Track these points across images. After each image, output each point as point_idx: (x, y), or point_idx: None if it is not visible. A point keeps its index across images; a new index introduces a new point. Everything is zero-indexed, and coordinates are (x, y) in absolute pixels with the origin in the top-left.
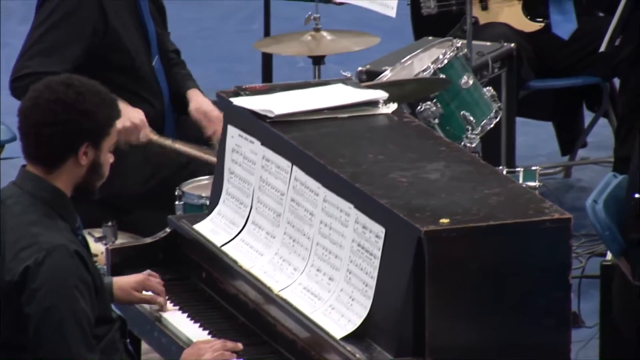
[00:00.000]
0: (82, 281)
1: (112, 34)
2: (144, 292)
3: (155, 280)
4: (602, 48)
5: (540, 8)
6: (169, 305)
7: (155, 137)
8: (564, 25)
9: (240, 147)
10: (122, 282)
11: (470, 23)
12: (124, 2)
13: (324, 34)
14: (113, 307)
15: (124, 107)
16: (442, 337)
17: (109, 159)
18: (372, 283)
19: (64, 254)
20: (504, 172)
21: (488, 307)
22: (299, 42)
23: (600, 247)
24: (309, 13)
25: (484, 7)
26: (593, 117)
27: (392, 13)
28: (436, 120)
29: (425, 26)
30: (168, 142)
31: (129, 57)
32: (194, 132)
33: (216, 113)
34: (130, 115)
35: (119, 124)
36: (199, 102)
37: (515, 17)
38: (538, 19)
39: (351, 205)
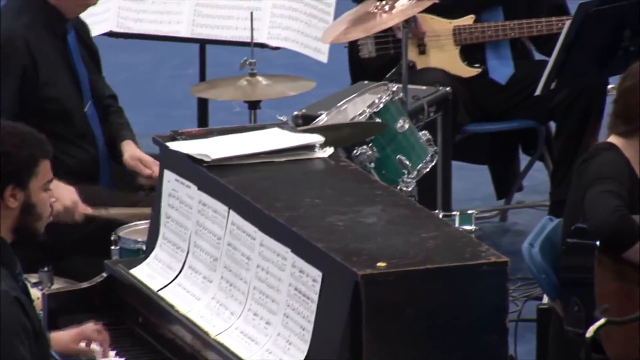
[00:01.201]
0: (23, 328)
1: (42, 84)
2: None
3: (96, 328)
4: (538, 92)
5: (477, 53)
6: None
7: (89, 211)
8: (501, 70)
9: (177, 191)
10: (59, 337)
11: (406, 67)
12: (54, 48)
13: (260, 78)
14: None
15: (56, 187)
16: None
17: (44, 198)
18: (309, 327)
19: (4, 301)
20: (441, 216)
21: (425, 351)
22: (234, 87)
23: (537, 290)
24: (245, 58)
25: (421, 52)
26: (529, 160)
27: (324, 58)
28: (372, 164)
29: (363, 70)
30: (103, 212)
31: (61, 105)
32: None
33: (151, 158)
34: (63, 197)
35: (57, 206)
36: (133, 151)
37: (452, 62)
38: (475, 65)
39: (288, 249)
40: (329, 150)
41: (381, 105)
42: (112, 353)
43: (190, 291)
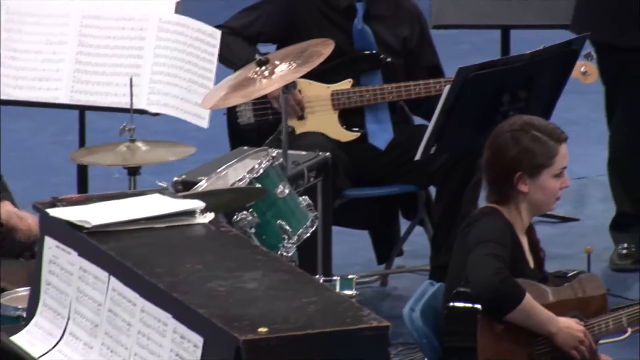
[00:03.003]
0: None
1: None
2: None
3: None
4: (418, 156)
5: (356, 118)
6: None
7: None
8: (380, 135)
9: (58, 258)
10: None
11: (285, 132)
12: None
13: (139, 144)
14: None
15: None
16: None
17: None
18: None
19: None
20: (321, 281)
21: None
22: (114, 153)
23: (418, 355)
24: (124, 124)
25: (300, 117)
26: (409, 225)
27: (205, 124)
28: (253, 230)
29: (242, 136)
30: None
31: None
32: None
33: (27, 213)
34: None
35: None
36: (8, 209)
37: (331, 127)
38: (354, 129)
39: (169, 315)
40: (210, 216)
41: (261, 171)
42: None
43: (71, 358)
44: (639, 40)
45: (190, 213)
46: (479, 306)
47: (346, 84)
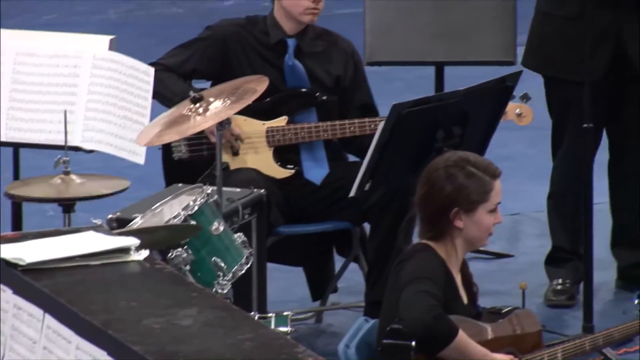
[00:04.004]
0: None
1: None
2: None
3: None
4: (352, 193)
5: (291, 155)
6: None
7: None
8: (316, 170)
9: None
10: None
11: (220, 169)
12: None
13: (74, 177)
14: None
15: None
16: None
17: None
18: None
19: None
20: (256, 318)
21: None
22: (48, 185)
23: None
24: (59, 156)
25: (235, 153)
26: (344, 262)
27: (141, 160)
28: (188, 267)
29: (177, 172)
30: None
31: None
32: None
33: None
34: None
35: None
36: None
37: (266, 164)
38: (289, 166)
39: (104, 352)
40: (144, 253)
41: (196, 208)
42: None
43: None
44: (585, 76)
45: (125, 250)
46: (412, 343)
47: (281, 121)
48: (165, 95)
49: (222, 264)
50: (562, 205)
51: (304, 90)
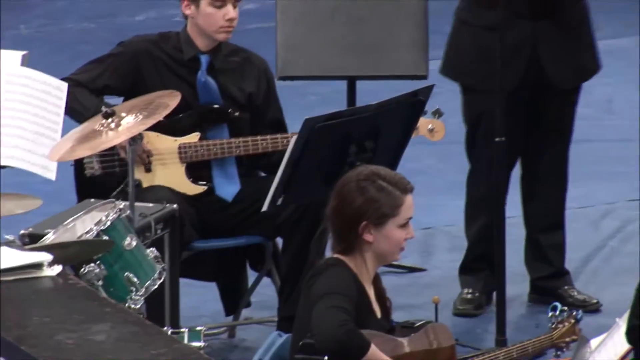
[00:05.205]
0: None
1: None
2: None
3: None
4: (265, 208)
5: (203, 171)
6: None
7: None
8: (227, 187)
9: None
10: None
11: (132, 185)
12: None
13: None
14: None
15: None
16: None
17: None
18: None
19: None
20: (169, 333)
21: None
22: None
23: None
24: None
25: (148, 169)
26: (256, 276)
27: (52, 176)
28: (100, 282)
29: (90, 188)
30: None
31: None
32: None
33: None
34: None
35: None
36: None
37: (178, 180)
38: (201, 182)
39: None
40: (57, 269)
41: (108, 223)
42: None
43: None
44: (499, 84)
45: (38, 266)
46: (325, 358)
47: (194, 137)
48: (77, 110)
49: (135, 279)
50: (477, 214)
51: (216, 106)
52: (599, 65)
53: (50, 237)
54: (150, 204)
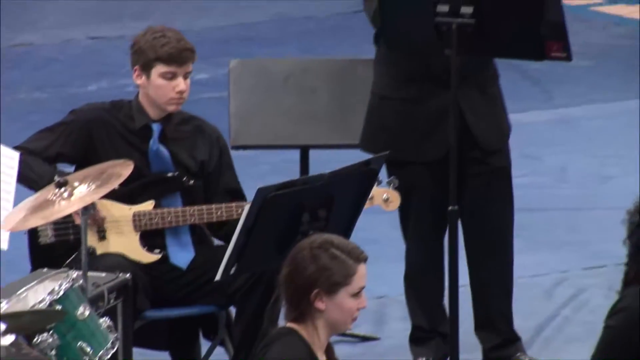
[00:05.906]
0: None
1: None
2: None
3: None
4: (218, 277)
5: (156, 239)
6: None
7: None
8: (182, 255)
9: None
10: None
11: (85, 254)
12: None
13: None
14: None
15: None
16: None
17: None
18: None
19: None
20: None
21: None
22: None
23: None
24: None
25: (102, 237)
26: (210, 345)
27: (4, 246)
28: (53, 352)
29: (44, 256)
30: None
31: None
32: None
33: None
34: None
35: None
36: None
37: (132, 248)
38: (155, 251)
39: None
40: (10, 338)
41: (61, 293)
42: None
43: None
44: (427, 156)
45: None
46: None
47: (148, 206)
48: (31, 178)
49: (88, 349)
50: (417, 285)
51: (169, 174)
52: (510, 126)
53: (3, 307)
54: (103, 274)
